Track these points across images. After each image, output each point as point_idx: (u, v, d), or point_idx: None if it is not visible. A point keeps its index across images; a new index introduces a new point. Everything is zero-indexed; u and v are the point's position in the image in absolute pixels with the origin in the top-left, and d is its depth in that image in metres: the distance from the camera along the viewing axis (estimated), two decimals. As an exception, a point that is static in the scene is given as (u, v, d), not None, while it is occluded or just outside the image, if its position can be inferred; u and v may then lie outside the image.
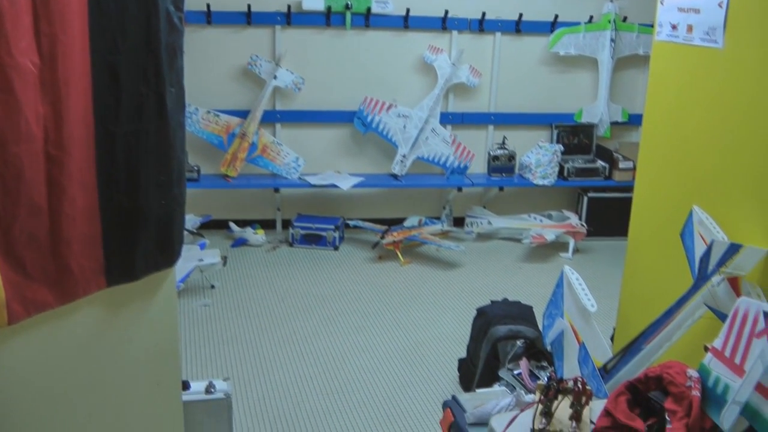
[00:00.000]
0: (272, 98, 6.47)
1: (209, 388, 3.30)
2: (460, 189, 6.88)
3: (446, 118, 6.80)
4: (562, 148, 6.85)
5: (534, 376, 3.49)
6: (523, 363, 3.59)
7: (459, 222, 6.94)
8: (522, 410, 2.02)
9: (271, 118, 6.51)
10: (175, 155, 2.28)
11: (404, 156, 6.60)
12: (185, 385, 3.23)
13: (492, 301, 4.37)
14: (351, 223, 6.64)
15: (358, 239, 6.68)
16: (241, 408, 3.99)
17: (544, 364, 3.65)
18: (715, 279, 2.68)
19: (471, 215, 6.88)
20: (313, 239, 6.45)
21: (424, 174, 6.81)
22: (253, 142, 6.35)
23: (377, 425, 3.93)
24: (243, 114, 6.37)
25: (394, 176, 6.65)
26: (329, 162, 6.73)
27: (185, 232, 5.86)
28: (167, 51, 2.19)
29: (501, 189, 7.05)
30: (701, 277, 2.72)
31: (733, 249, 2.69)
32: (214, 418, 3.31)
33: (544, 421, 1.96)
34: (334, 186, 6.40)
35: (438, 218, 6.78)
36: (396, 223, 6.61)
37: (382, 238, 6.24)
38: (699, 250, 2.81)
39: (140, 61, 2.12)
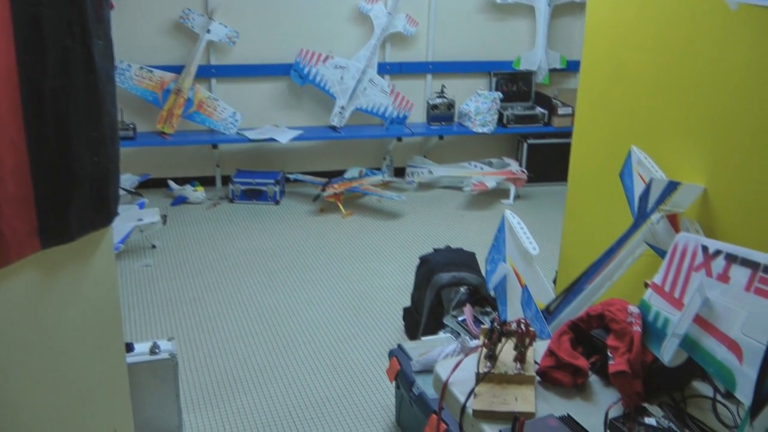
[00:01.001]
0: (206, 53, 6.34)
1: (153, 349, 3.27)
2: (399, 139, 6.86)
3: (384, 68, 6.74)
4: (501, 95, 6.85)
5: (478, 322, 3.51)
6: (467, 309, 3.61)
7: (400, 172, 6.93)
8: (466, 355, 2.02)
9: (206, 72, 6.39)
10: (106, 110, 2.21)
11: (343, 107, 6.54)
12: (129, 347, 3.19)
13: (434, 249, 4.38)
14: (291, 176, 6.59)
15: (299, 193, 6.64)
16: (187, 367, 3.96)
17: (488, 309, 3.67)
18: (655, 217, 2.70)
19: (411, 165, 6.87)
20: (253, 194, 6.39)
21: (363, 125, 6.77)
22: (188, 97, 6.24)
23: (324, 378, 3.94)
24: (177, 69, 6.24)
25: (333, 128, 6.60)
26: (267, 116, 6.65)
27: (123, 192, 5.81)
28: (92, 2, 2.11)
29: (441, 138, 7.04)
30: (641, 216, 2.74)
31: (672, 187, 2.71)
32: (159, 379, 3.28)
33: (488, 364, 1.97)
34: (273, 140, 6.33)
35: (378, 169, 6.75)
36: (336, 175, 6.57)
37: (323, 190, 6.21)
38: (638, 189, 2.83)
39: (64, 12, 2.03)
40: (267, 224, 5.98)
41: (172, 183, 6.45)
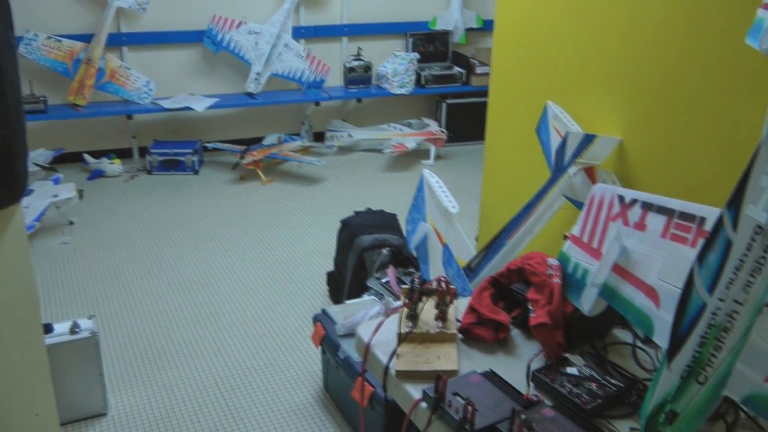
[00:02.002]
0: (116, 20, 6.15)
1: (74, 329, 3.18)
2: (317, 103, 6.79)
3: (299, 33, 6.65)
4: (418, 56, 6.83)
5: (402, 283, 3.50)
6: (391, 270, 3.59)
7: (319, 137, 6.88)
8: (387, 316, 2.00)
9: (116, 41, 6.21)
10: (8, 80, 2.10)
11: (258, 73, 6.44)
12: (48, 328, 3.11)
13: (355, 212, 4.35)
14: (209, 145, 6.48)
15: (218, 161, 6.53)
16: (109, 345, 3.87)
17: (411, 270, 3.66)
18: (572, 170, 2.72)
19: (331, 129, 6.82)
20: (171, 165, 6.27)
21: (280, 90, 6.67)
22: (100, 67, 6.06)
23: (250, 347, 3.89)
24: (87, 38, 6.04)
25: (250, 95, 6.50)
26: (182, 84, 6.50)
27: (37, 168, 5.64)
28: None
29: (359, 101, 7.00)
30: (558, 170, 2.75)
31: (588, 139, 2.73)
32: (81, 359, 3.20)
33: (410, 324, 1.94)
34: (189, 108, 6.21)
35: (298, 134, 6.69)
36: (255, 142, 6.49)
37: (242, 158, 6.13)
38: (554, 143, 2.84)
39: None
40: (186, 194, 5.87)
41: (87, 157, 6.27)
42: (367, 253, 3.88)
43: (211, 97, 6.38)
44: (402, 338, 1.92)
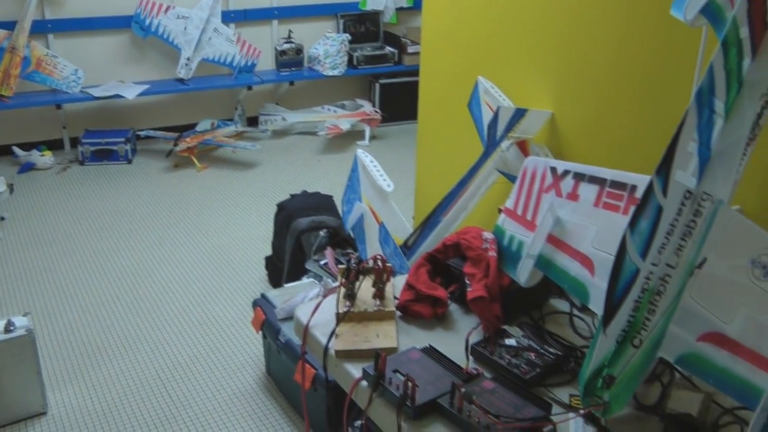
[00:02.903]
0: (40, 6, 5.99)
1: (8, 327, 3.12)
2: (250, 87, 6.72)
3: (228, 17, 6.56)
4: (349, 37, 6.80)
5: (340, 264, 3.49)
6: (329, 252, 3.58)
7: (253, 121, 6.81)
8: (325, 296, 1.99)
9: (41, 28, 6.05)
10: None
11: (188, 59, 6.34)
12: (-20, 329, 3.04)
13: (291, 195, 4.32)
14: (142, 133, 6.38)
15: (152, 149, 6.43)
16: (47, 342, 3.78)
17: (350, 250, 3.66)
18: (505, 144, 2.73)
19: (264, 113, 6.76)
20: (104, 155, 6.15)
21: (211, 76, 6.58)
22: (25, 56, 5.90)
23: (190, 336, 3.85)
24: (9, 26, 5.87)
25: (181, 80, 6.40)
26: (111, 72, 6.37)
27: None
28: None
29: (292, 83, 6.94)
30: (491, 144, 2.76)
31: (519, 113, 2.74)
32: (17, 358, 3.13)
33: (347, 303, 1.94)
34: (120, 96, 6.10)
35: (231, 120, 6.62)
36: (188, 128, 6.40)
37: (176, 145, 6.05)
38: (486, 118, 2.84)
39: None
40: (121, 184, 5.77)
41: (17, 149, 6.12)
42: (304, 235, 3.86)
43: (141, 84, 6.27)
44: (340, 318, 1.91)
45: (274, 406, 3.37)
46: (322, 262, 3.62)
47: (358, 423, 2.59)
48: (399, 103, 6.84)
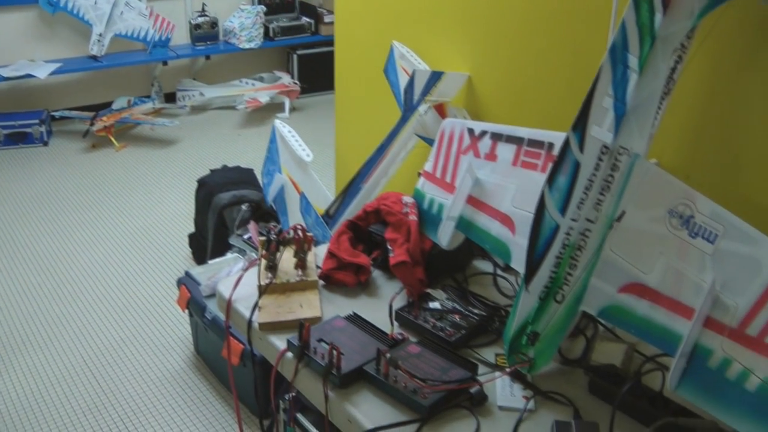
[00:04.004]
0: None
1: None
2: (165, 63, 6.57)
3: (139, -10, 6.40)
4: (264, 8, 6.70)
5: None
6: (252, 226, 3.53)
7: (170, 97, 6.68)
8: (246, 269, 1.95)
9: (-60, 7, 5.82)
10: None
11: (101, 35, 6.16)
12: None
13: (211, 170, 4.26)
14: (57, 114, 6.20)
15: (68, 130, 6.26)
16: (-37, 333, 3.68)
17: (273, 223, 3.61)
18: (422, 108, 2.71)
19: (182, 89, 6.64)
20: (18, 138, 5.96)
21: (125, 52, 6.40)
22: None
23: (116, 319, 3.77)
24: None
25: (94, 58, 6.22)
26: (20, 50, 6.14)
27: None
28: None
29: (208, 58, 6.81)
30: (408, 109, 2.74)
31: (435, 77, 2.72)
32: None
33: (269, 275, 1.90)
34: (31, 76, 5.89)
35: (148, 96, 6.48)
36: (104, 107, 6.23)
37: (92, 125, 5.90)
38: (403, 83, 2.82)
39: None
40: (37, 168, 5.60)
41: None
42: (226, 210, 3.81)
43: (53, 63, 6.07)
44: (262, 290, 1.88)
45: (205, 385, 3.33)
46: (245, 237, 3.57)
47: (290, 396, 2.58)
48: (318, 73, 6.77)
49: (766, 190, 1.86)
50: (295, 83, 6.59)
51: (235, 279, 1.94)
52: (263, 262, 1.94)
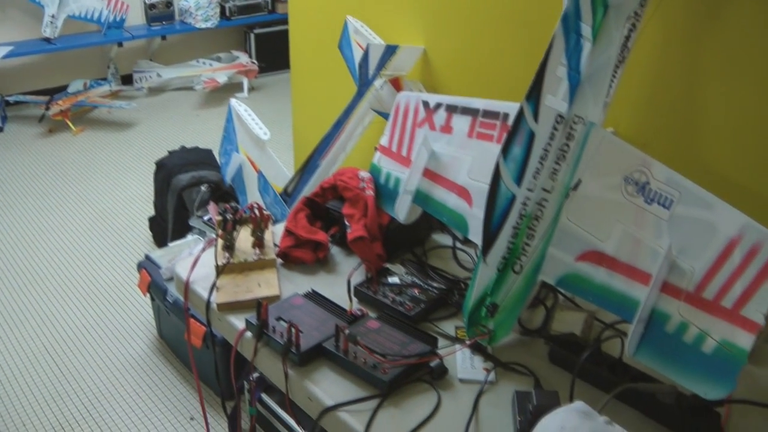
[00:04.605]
0: None
1: None
2: (121, 44, 6.49)
3: (91, -30, 6.29)
4: (219, -14, 6.64)
5: (223, 217, 3.42)
6: (211, 207, 3.47)
7: (127, 79, 6.60)
8: (203, 250, 1.93)
9: None
10: None
11: (53, 16, 6.04)
12: None
13: (169, 152, 4.21)
14: (11, 99, 6.11)
15: (23, 115, 6.17)
16: None
17: (233, 204, 3.58)
18: (378, 83, 2.69)
19: (138, 70, 6.56)
20: (-29, 125, 5.87)
21: (79, 33, 6.31)
22: None
23: (78, 306, 3.73)
24: None
25: (47, 40, 6.11)
26: (-33, 35, 6.04)
27: None
28: None
29: (164, 38, 6.74)
30: (363, 84, 2.72)
31: (390, 51, 2.70)
32: None
33: (226, 255, 1.88)
34: (-19, 61, 5.80)
35: (104, 79, 6.39)
36: (59, 90, 6.13)
37: (48, 109, 5.82)
38: (358, 57, 2.80)
39: None
40: (-9, 155, 5.52)
41: None
42: (185, 192, 3.77)
43: (4, 46, 5.94)
44: (220, 270, 1.86)
45: (169, 369, 3.31)
46: (205, 218, 3.54)
47: (254, 376, 2.57)
48: (276, 52, 6.72)
49: (723, 156, 1.87)
50: (253, 62, 6.54)
51: (192, 260, 1.91)
52: (220, 242, 1.92)
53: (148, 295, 3.38)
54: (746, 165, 1.83)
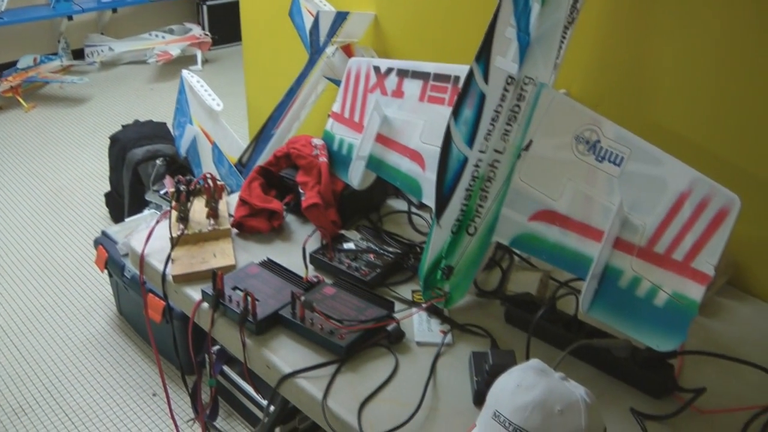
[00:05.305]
0: None
1: None
2: (71, 18, 6.37)
3: (34, -58, 6.15)
4: (169, -43, 6.53)
5: (179, 190, 3.40)
6: (168, 180, 3.47)
7: (79, 54, 6.47)
8: (157, 222, 1.91)
9: None
10: None
11: (-2, -10, 5.93)
12: None
13: (123, 126, 4.15)
14: (-45, 78, 5.97)
15: (-30, 94, 6.04)
16: None
17: (190, 177, 3.56)
18: (329, 50, 2.67)
19: (90, 44, 6.45)
20: None
21: (27, 7, 6.16)
22: None
23: (35, 285, 3.68)
24: None
25: (-6, 14, 5.99)
26: None
27: None
28: None
29: (115, 11, 6.64)
30: (315, 51, 2.69)
31: (341, 17, 2.68)
32: None
33: (181, 226, 1.87)
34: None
35: (55, 54, 6.26)
36: (9, 66, 5.99)
37: (-3, 86, 5.70)
38: (309, 25, 2.77)
39: None
40: (-61, 136, 5.41)
41: None
42: (141, 166, 3.73)
43: (-53, 21, 5.83)
44: (175, 242, 1.84)
45: (130, 346, 3.28)
46: (162, 192, 3.51)
47: (215, 349, 2.56)
48: (229, 24, 6.62)
49: (673, 114, 1.88)
50: (206, 34, 6.46)
51: (146, 233, 1.90)
52: (174, 213, 1.90)
53: (105, 271, 3.35)
54: (695, 122, 1.84)
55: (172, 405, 2.78)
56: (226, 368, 2.75)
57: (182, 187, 1.90)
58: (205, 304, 1.67)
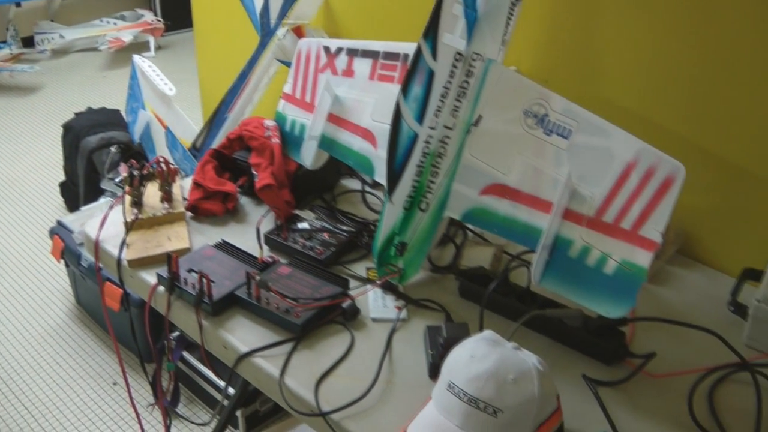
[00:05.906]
0: None
1: None
2: (18, 4, 6.30)
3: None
4: (118, -58, 6.45)
5: (135, 177, 3.37)
6: (122, 168, 3.42)
7: (28, 42, 6.39)
8: (111, 208, 1.90)
9: None
10: None
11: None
12: None
13: (76, 114, 4.11)
14: None
15: None
16: None
17: (143, 161, 3.54)
18: (280, 32, 2.66)
19: (39, 32, 6.38)
20: None
21: (-28, -4, 6.09)
22: None
23: (-11, 278, 3.65)
24: None
25: (-63, 3, 5.89)
26: None
27: None
28: None
29: (64, -3, 6.56)
30: (266, 34, 2.69)
31: (291, -1, 2.67)
32: None
33: (135, 211, 1.86)
34: None
35: (4, 42, 6.17)
36: (-45, 57, 5.93)
37: (-56, 77, 5.61)
38: (259, 7, 2.76)
39: None
40: None
41: None
42: (95, 154, 3.70)
43: None
44: (129, 226, 1.83)
45: (89, 336, 3.27)
46: (117, 180, 3.48)
47: (174, 335, 2.56)
48: (181, 9, 6.49)
49: (622, 89, 1.90)
50: (159, 20, 6.40)
51: (100, 219, 1.89)
52: (128, 198, 1.90)
53: (62, 261, 3.32)
54: (641, 95, 1.87)
55: (133, 393, 2.78)
56: (186, 354, 2.75)
57: (135, 172, 1.90)
58: (161, 288, 1.67)
